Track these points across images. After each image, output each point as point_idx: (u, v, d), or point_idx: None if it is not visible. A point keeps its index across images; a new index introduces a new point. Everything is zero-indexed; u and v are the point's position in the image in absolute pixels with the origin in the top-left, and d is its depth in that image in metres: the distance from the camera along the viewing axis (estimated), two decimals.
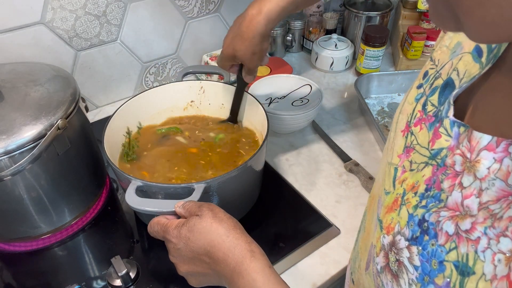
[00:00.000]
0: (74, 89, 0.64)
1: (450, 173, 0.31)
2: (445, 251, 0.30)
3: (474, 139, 0.29)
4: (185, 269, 0.47)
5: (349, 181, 0.80)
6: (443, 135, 0.33)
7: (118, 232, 0.71)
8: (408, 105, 0.40)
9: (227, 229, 0.45)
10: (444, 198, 0.31)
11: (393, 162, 0.40)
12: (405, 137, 0.39)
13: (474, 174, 0.29)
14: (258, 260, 0.43)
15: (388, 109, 0.99)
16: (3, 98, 0.59)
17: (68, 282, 0.62)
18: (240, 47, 0.61)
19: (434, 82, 0.37)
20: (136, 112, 0.75)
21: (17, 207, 0.62)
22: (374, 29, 1.04)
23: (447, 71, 0.36)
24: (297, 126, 0.89)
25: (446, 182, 0.31)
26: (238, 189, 0.64)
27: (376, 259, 0.37)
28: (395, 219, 0.36)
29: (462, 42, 0.36)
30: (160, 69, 1.04)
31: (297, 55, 1.21)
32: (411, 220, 0.34)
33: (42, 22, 0.81)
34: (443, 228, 0.30)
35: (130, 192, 0.55)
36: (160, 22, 0.96)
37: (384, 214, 0.38)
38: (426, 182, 0.34)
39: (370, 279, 0.40)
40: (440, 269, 0.30)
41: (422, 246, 0.32)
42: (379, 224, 0.38)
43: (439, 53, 0.39)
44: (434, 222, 0.31)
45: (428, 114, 0.36)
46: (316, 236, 0.69)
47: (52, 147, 0.59)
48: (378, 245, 0.37)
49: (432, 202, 0.32)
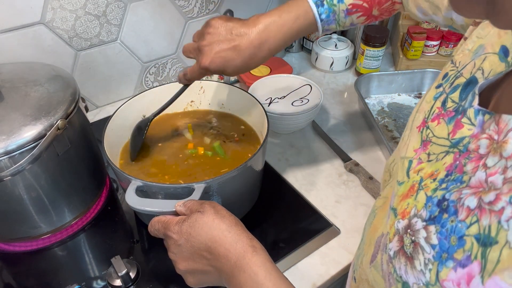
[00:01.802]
0: (74, 89, 0.64)
1: (473, 157, 0.32)
2: (466, 225, 0.29)
3: (503, 121, 0.30)
4: (184, 266, 0.47)
5: (349, 181, 0.80)
6: (465, 124, 0.34)
7: (118, 232, 0.71)
8: (426, 103, 0.42)
9: (228, 225, 0.45)
10: (466, 180, 0.31)
11: (407, 156, 0.41)
12: (421, 132, 0.40)
13: (500, 154, 0.29)
14: (259, 255, 0.43)
15: (388, 109, 0.99)
16: (3, 98, 0.59)
17: (68, 282, 0.62)
18: (234, 70, 0.59)
19: (455, 81, 0.39)
20: (136, 112, 0.75)
21: (17, 207, 0.62)
22: (374, 29, 1.04)
23: (470, 70, 0.37)
24: (297, 126, 0.89)
25: (470, 165, 0.32)
26: (238, 189, 0.64)
27: (389, 245, 0.37)
28: (411, 204, 0.36)
29: (484, 45, 0.38)
30: (160, 69, 1.04)
31: (297, 55, 1.21)
32: (429, 202, 0.34)
33: (42, 22, 0.81)
34: (465, 203, 0.30)
35: (130, 192, 0.55)
36: (160, 22, 0.96)
37: (399, 202, 0.38)
38: (447, 168, 0.34)
39: (375, 271, 0.40)
40: (460, 244, 0.29)
41: (441, 224, 0.32)
42: (392, 212, 0.38)
43: (461, 56, 0.41)
44: (455, 199, 0.31)
45: (447, 110, 0.37)
46: (316, 236, 0.69)
47: (52, 147, 0.59)
48: (392, 231, 0.37)
49: (453, 184, 0.32)
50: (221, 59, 0.58)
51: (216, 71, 0.60)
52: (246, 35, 0.58)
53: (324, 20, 0.60)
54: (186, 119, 0.80)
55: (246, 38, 0.58)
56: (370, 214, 0.49)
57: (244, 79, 0.98)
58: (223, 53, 0.58)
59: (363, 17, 0.62)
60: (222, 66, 0.58)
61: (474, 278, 0.27)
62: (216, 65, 0.58)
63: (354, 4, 0.59)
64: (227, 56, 0.58)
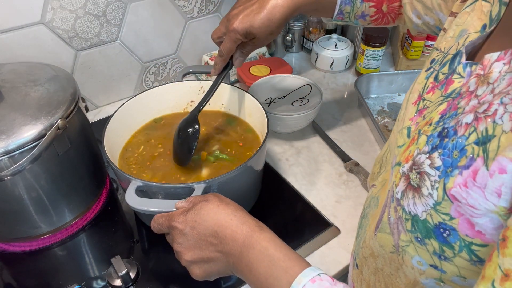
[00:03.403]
0: (74, 89, 0.64)
1: (465, 95, 0.35)
2: (465, 138, 0.32)
3: (486, 59, 0.35)
4: (190, 256, 0.46)
5: (349, 181, 0.80)
6: (456, 79, 0.38)
7: (118, 232, 0.71)
8: (419, 84, 0.45)
9: (234, 210, 0.46)
10: (461, 111, 0.34)
11: (404, 126, 0.43)
12: (417, 105, 0.43)
13: (487, 82, 0.33)
14: (267, 232, 0.44)
15: (388, 109, 0.99)
16: (3, 98, 0.59)
17: (68, 282, 0.62)
18: (260, 25, 0.60)
19: (444, 60, 0.42)
20: (136, 112, 0.75)
21: (17, 207, 0.62)
22: (374, 29, 1.04)
23: (455, 48, 0.42)
24: (297, 126, 0.89)
25: (463, 101, 0.35)
26: (238, 189, 0.64)
27: (396, 189, 0.38)
28: (413, 149, 0.38)
29: (466, 29, 0.42)
30: (160, 69, 1.04)
31: (297, 55, 1.21)
32: (430, 137, 0.36)
33: (42, 22, 0.81)
34: (462, 122, 0.33)
35: (130, 192, 0.55)
36: (160, 22, 0.96)
37: (401, 154, 0.40)
38: (441, 112, 0.37)
39: (381, 234, 0.41)
40: (462, 154, 0.32)
41: (443, 147, 0.34)
42: (396, 166, 0.40)
43: (444, 43, 0.45)
44: (454, 124, 0.34)
45: (440, 80, 0.41)
46: (316, 236, 0.69)
47: (52, 147, 0.59)
48: (397, 177, 0.38)
49: (450, 119, 0.35)
50: (246, 16, 0.60)
51: (244, 30, 0.61)
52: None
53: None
54: None
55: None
56: (370, 201, 0.49)
57: (244, 79, 0.98)
58: (248, 10, 0.60)
59: (374, 8, 0.66)
60: (248, 22, 0.60)
61: (479, 170, 0.30)
62: (243, 23, 0.60)
63: None
64: (252, 11, 0.60)
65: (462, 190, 0.31)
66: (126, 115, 0.72)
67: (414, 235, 0.36)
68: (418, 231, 0.35)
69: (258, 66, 1.02)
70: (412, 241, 0.36)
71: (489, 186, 0.29)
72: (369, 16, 0.69)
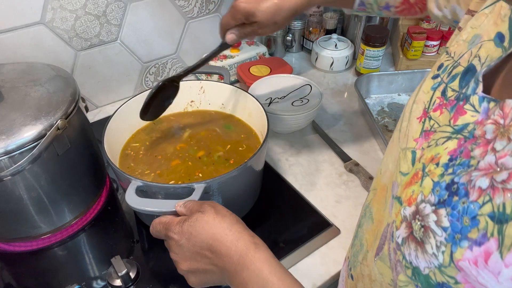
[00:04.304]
0: (74, 89, 0.64)
1: (480, 142, 0.32)
2: (478, 205, 0.29)
3: (507, 106, 0.30)
4: (186, 266, 0.47)
5: (349, 181, 0.80)
6: (468, 111, 0.34)
7: (118, 232, 0.71)
8: (424, 94, 0.41)
9: (229, 224, 0.45)
10: (474, 163, 0.31)
11: (408, 146, 0.40)
12: (423, 123, 0.40)
13: (508, 137, 0.29)
14: (262, 252, 0.43)
15: (388, 109, 0.99)
16: (3, 98, 0.59)
17: (68, 282, 0.62)
18: (266, 9, 0.59)
19: (453, 71, 0.39)
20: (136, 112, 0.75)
21: (17, 207, 0.62)
22: (374, 29, 1.04)
23: (467, 59, 0.38)
24: (297, 126, 0.89)
25: (477, 150, 0.32)
26: (238, 189, 0.64)
27: (396, 232, 0.36)
28: (416, 190, 0.35)
29: (480, 34, 0.38)
30: (160, 69, 1.04)
31: (297, 55, 1.21)
32: (437, 186, 0.33)
33: (42, 22, 0.81)
34: (476, 184, 0.30)
35: (130, 192, 0.55)
36: (160, 22, 0.96)
37: (403, 190, 0.38)
38: (451, 153, 0.34)
39: (381, 263, 0.40)
40: (473, 224, 0.29)
41: (452, 206, 0.31)
42: (397, 201, 0.38)
43: (456, 47, 0.41)
44: (466, 182, 0.31)
45: (449, 99, 0.37)
46: (316, 236, 0.69)
47: (52, 147, 0.59)
48: (398, 219, 0.36)
49: (460, 169, 0.32)
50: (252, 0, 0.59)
51: (246, 11, 0.59)
52: None
53: None
54: (186, 119, 0.80)
55: None
56: (364, 210, 0.48)
57: (244, 79, 0.98)
58: None
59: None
60: (254, 3, 0.59)
61: (492, 254, 0.27)
62: (249, 3, 0.59)
63: None
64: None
65: (471, 267, 0.29)
66: (126, 115, 0.72)
67: (414, 282, 0.34)
68: (418, 281, 0.34)
69: (258, 66, 1.02)
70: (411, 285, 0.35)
71: (503, 274, 0.27)
72: (394, 7, 0.64)
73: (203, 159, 0.71)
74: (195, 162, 0.70)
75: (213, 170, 0.68)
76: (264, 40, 1.15)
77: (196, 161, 0.70)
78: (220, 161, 0.70)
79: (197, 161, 0.70)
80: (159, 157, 0.71)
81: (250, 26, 0.62)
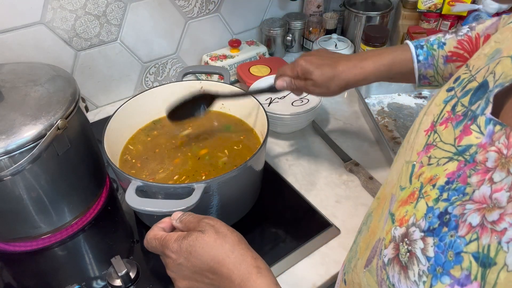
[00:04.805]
0: (74, 89, 0.64)
1: (480, 169, 0.31)
2: (465, 242, 0.29)
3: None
4: (184, 285, 0.45)
5: (349, 181, 0.80)
6: (474, 132, 0.33)
7: (118, 232, 0.71)
8: (435, 106, 0.40)
9: (232, 245, 0.43)
10: (469, 192, 0.31)
11: (411, 160, 0.40)
12: (428, 136, 0.39)
13: (508, 170, 0.29)
14: (264, 277, 0.42)
15: (388, 109, 0.99)
16: (3, 98, 0.59)
17: (68, 282, 0.62)
18: (323, 73, 0.62)
19: (468, 85, 0.37)
20: (136, 112, 0.75)
21: (17, 207, 0.62)
22: (374, 29, 1.04)
23: (483, 74, 0.36)
24: (297, 126, 0.89)
25: (475, 177, 0.31)
26: (238, 189, 0.64)
27: (384, 251, 0.36)
28: (410, 211, 0.35)
29: (501, 49, 0.36)
30: (160, 69, 1.04)
31: (297, 55, 1.21)
32: (430, 213, 0.33)
33: (42, 22, 0.81)
34: (467, 220, 0.29)
35: (130, 192, 0.55)
36: (160, 22, 0.96)
37: (398, 207, 0.37)
38: (448, 175, 0.33)
39: (369, 276, 0.39)
40: (457, 260, 0.29)
41: (440, 237, 0.31)
42: (390, 218, 0.38)
43: (476, 60, 0.39)
44: (458, 214, 0.30)
45: (456, 114, 0.36)
46: (316, 236, 0.69)
47: (52, 147, 0.59)
48: (388, 237, 0.36)
49: (455, 196, 0.32)
50: (316, 61, 0.63)
51: (305, 68, 0.63)
52: (345, 56, 0.65)
53: (421, 62, 0.62)
54: None
55: (344, 56, 0.64)
56: (366, 217, 0.48)
57: (244, 79, 0.98)
58: (321, 58, 0.64)
59: None
60: (314, 65, 0.62)
61: None
62: (308, 62, 0.63)
63: (455, 52, 0.60)
64: (323, 61, 0.63)
65: None
66: (126, 115, 0.72)
67: None
68: None
69: (258, 66, 1.02)
70: None
71: None
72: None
73: (203, 159, 0.71)
74: (195, 162, 0.70)
75: (213, 170, 0.68)
76: (264, 40, 1.15)
77: (196, 161, 0.70)
78: (220, 161, 0.70)
79: (197, 161, 0.70)
80: (159, 157, 0.71)
81: (304, 81, 0.65)
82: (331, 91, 0.64)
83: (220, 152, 0.72)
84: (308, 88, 0.65)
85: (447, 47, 0.61)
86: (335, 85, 0.63)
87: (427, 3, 1.07)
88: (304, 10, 1.19)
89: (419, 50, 0.63)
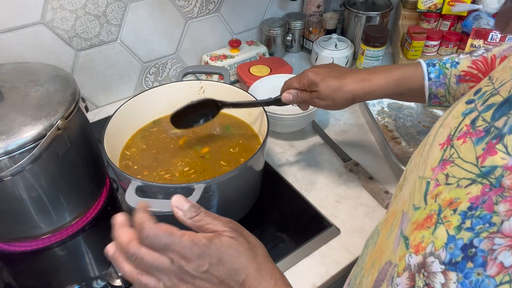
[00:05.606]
0: (74, 89, 0.64)
1: (508, 196, 0.28)
2: (494, 283, 0.26)
3: None
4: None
5: (349, 181, 0.80)
6: (500, 152, 0.30)
7: None
8: (453, 119, 0.38)
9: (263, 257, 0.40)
10: (496, 222, 0.27)
11: (425, 176, 0.37)
12: (443, 150, 0.36)
13: None
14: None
15: (388, 109, 0.99)
16: (3, 98, 0.59)
17: (68, 282, 0.62)
18: (329, 85, 0.62)
19: (490, 99, 0.35)
20: (136, 112, 0.75)
21: (17, 207, 0.62)
22: (374, 29, 1.04)
23: (508, 89, 0.33)
24: (297, 126, 0.89)
25: (503, 205, 0.28)
26: (238, 189, 0.64)
27: (397, 279, 0.33)
28: (427, 238, 0.32)
29: None
30: (160, 69, 1.04)
31: (297, 55, 1.21)
32: (452, 243, 0.30)
33: (42, 22, 0.81)
34: (498, 258, 0.26)
35: (130, 192, 0.55)
36: (160, 22, 0.96)
37: (412, 230, 0.34)
38: (472, 200, 0.30)
39: None
40: None
41: (464, 274, 0.28)
42: (403, 241, 0.34)
43: (500, 73, 0.37)
44: (487, 250, 0.27)
45: (477, 129, 0.33)
46: (316, 236, 0.69)
47: (52, 147, 0.59)
48: (402, 265, 0.33)
49: (480, 225, 0.28)
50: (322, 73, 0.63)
51: (312, 79, 0.63)
52: (355, 70, 0.65)
53: (432, 80, 0.61)
54: None
55: (354, 70, 0.64)
56: (374, 232, 0.45)
57: (244, 79, 0.98)
58: (327, 70, 0.64)
59: None
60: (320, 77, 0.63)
61: None
62: (315, 74, 0.63)
63: (468, 72, 0.59)
64: (329, 74, 0.63)
65: None
66: (126, 115, 0.72)
67: None
68: None
69: (258, 66, 1.02)
70: None
71: None
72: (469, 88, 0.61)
73: (203, 159, 0.71)
74: (195, 162, 0.70)
75: (213, 170, 0.68)
76: (264, 40, 1.15)
77: (196, 161, 0.70)
78: (220, 161, 0.70)
79: (197, 161, 0.70)
80: (159, 157, 0.71)
81: (309, 93, 0.65)
82: (336, 103, 0.63)
83: (220, 152, 0.72)
84: (314, 100, 0.65)
85: (460, 66, 0.60)
86: (341, 97, 0.62)
87: (427, 3, 1.07)
88: (304, 10, 1.19)
89: (431, 67, 0.61)
